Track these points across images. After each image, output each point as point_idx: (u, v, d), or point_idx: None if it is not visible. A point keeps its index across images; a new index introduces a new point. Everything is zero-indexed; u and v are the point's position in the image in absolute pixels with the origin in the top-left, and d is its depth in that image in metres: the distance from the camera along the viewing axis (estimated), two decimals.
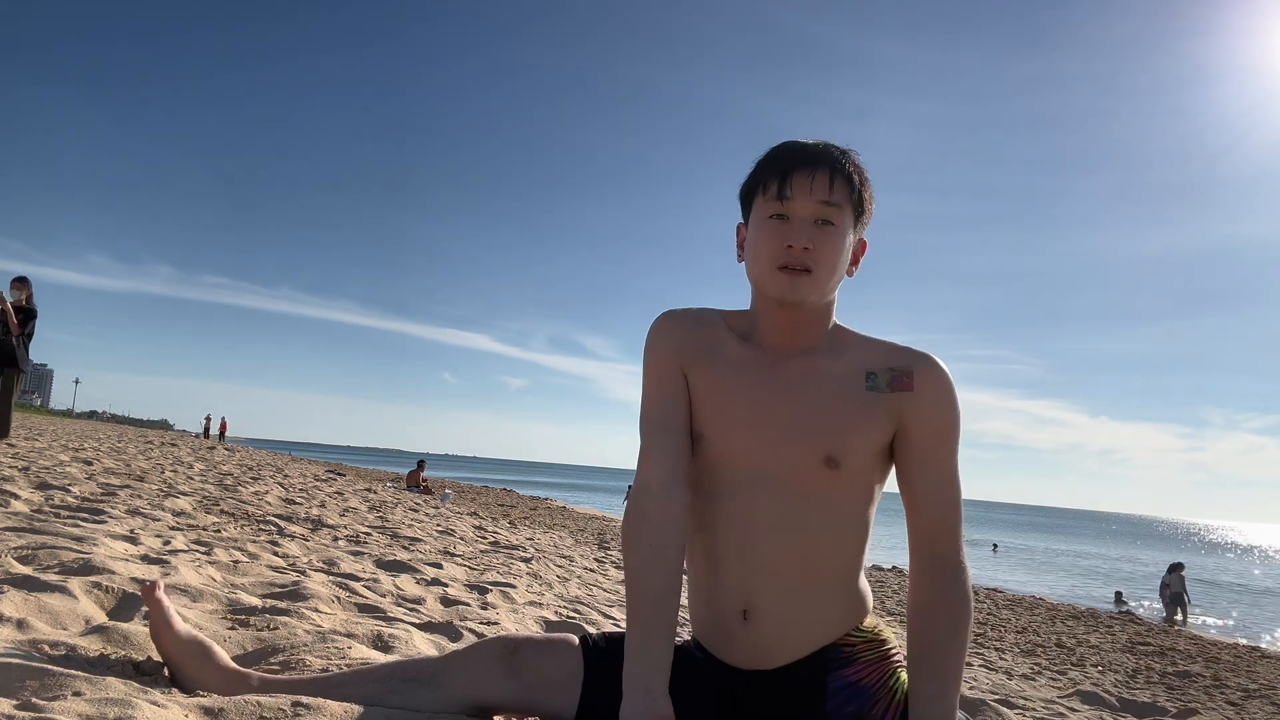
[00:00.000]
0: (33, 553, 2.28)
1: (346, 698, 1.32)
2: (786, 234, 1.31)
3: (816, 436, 1.33)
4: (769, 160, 1.37)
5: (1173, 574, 15.28)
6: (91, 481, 5.10)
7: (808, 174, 1.32)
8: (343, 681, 1.39)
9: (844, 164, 1.33)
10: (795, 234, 1.30)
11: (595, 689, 1.34)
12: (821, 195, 1.31)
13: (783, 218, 1.32)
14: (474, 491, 26.19)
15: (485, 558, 4.95)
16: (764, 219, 1.34)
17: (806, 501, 1.32)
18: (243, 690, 1.35)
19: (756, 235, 1.35)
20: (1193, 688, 6.38)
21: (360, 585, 2.79)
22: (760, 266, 1.34)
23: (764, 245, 1.33)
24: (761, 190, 1.35)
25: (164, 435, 29.25)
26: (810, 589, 1.33)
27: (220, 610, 2.06)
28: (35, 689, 1.23)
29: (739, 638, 1.35)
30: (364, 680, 1.38)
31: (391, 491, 12.66)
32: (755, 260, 1.35)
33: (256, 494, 6.37)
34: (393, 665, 1.43)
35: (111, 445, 11.78)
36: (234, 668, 1.43)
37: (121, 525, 3.28)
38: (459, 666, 1.38)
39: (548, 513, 19.08)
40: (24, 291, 8.10)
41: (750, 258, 1.37)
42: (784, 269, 1.31)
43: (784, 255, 1.31)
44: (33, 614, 1.68)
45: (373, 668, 1.44)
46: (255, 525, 4.27)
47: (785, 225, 1.32)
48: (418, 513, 8.23)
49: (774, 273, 1.32)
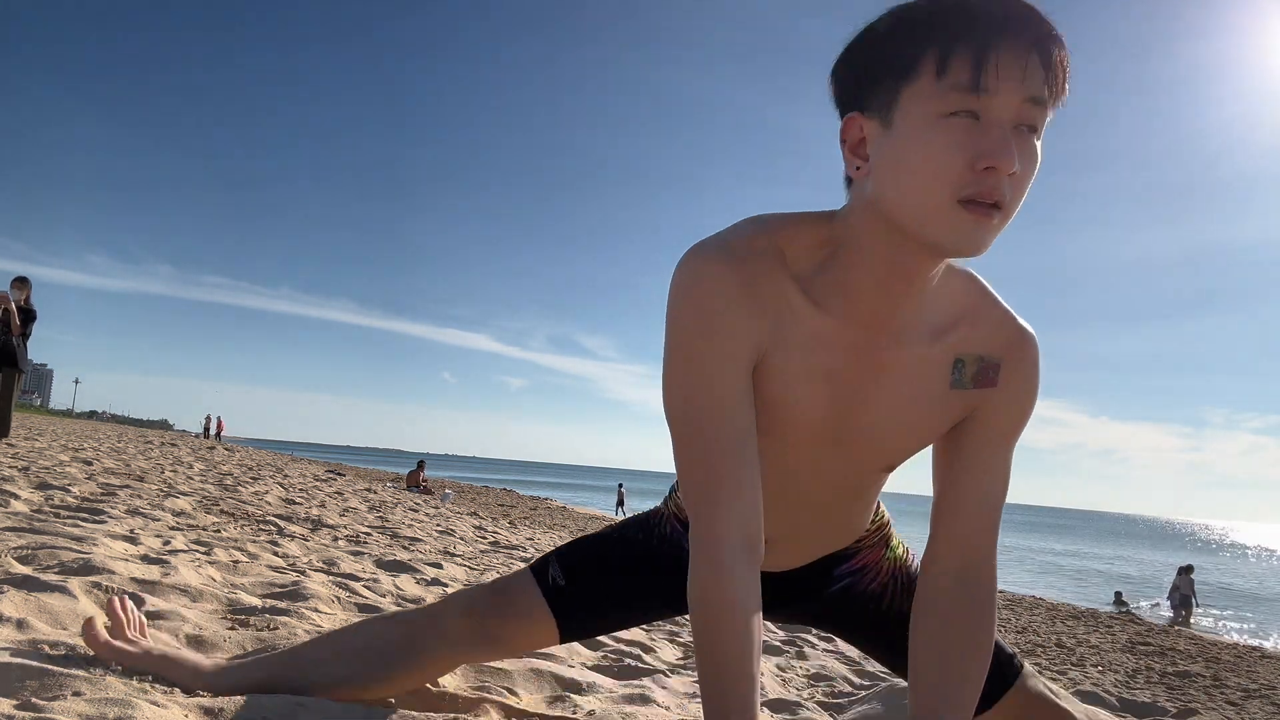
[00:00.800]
0: (33, 553, 2.28)
1: (325, 677, 1.33)
2: (983, 145, 0.83)
3: (883, 449, 1.11)
4: (936, 19, 0.85)
5: (1182, 576, 15.37)
6: (91, 481, 5.10)
7: (1016, 51, 0.83)
8: (316, 661, 1.37)
9: (1056, 42, 0.85)
10: (999, 148, 0.83)
11: (569, 618, 1.36)
12: (1033, 88, 0.84)
13: (972, 117, 0.84)
14: (474, 491, 26.17)
15: (485, 558, 4.94)
16: (937, 115, 0.85)
17: (848, 492, 1.23)
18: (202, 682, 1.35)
19: (923, 141, 0.85)
20: (1193, 688, 6.38)
21: (360, 585, 2.79)
22: (927, 195, 0.86)
23: (940, 160, 0.84)
24: (934, 69, 0.84)
25: (164, 435, 29.24)
26: (834, 528, 1.30)
27: (220, 610, 2.06)
28: (35, 689, 1.23)
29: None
30: (338, 660, 1.36)
31: (391, 491, 12.66)
32: (914, 183, 0.86)
33: (256, 494, 6.36)
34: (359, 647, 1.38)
35: (111, 445, 11.78)
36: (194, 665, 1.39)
37: (121, 525, 3.28)
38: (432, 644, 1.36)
39: (548, 513, 19.07)
40: (24, 292, 8.11)
41: (901, 177, 0.87)
42: (970, 203, 0.84)
43: (975, 182, 0.84)
44: (33, 614, 1.68)
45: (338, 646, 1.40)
46: (255, 525, 4.26)
47: (976, 130, 0.84)
48: (418, 513, 8.23)
49: (952, 208, 0.85)
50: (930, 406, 1.06)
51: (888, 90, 0.88)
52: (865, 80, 0.90)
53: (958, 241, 0.86)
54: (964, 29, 0.83)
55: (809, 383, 1.02)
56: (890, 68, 0.88)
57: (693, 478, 0.99)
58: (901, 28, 0.88)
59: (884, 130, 0.89)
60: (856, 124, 0.92)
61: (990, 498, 1.09)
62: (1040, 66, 0.84)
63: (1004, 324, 1.07)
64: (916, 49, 0.86)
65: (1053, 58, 0.85)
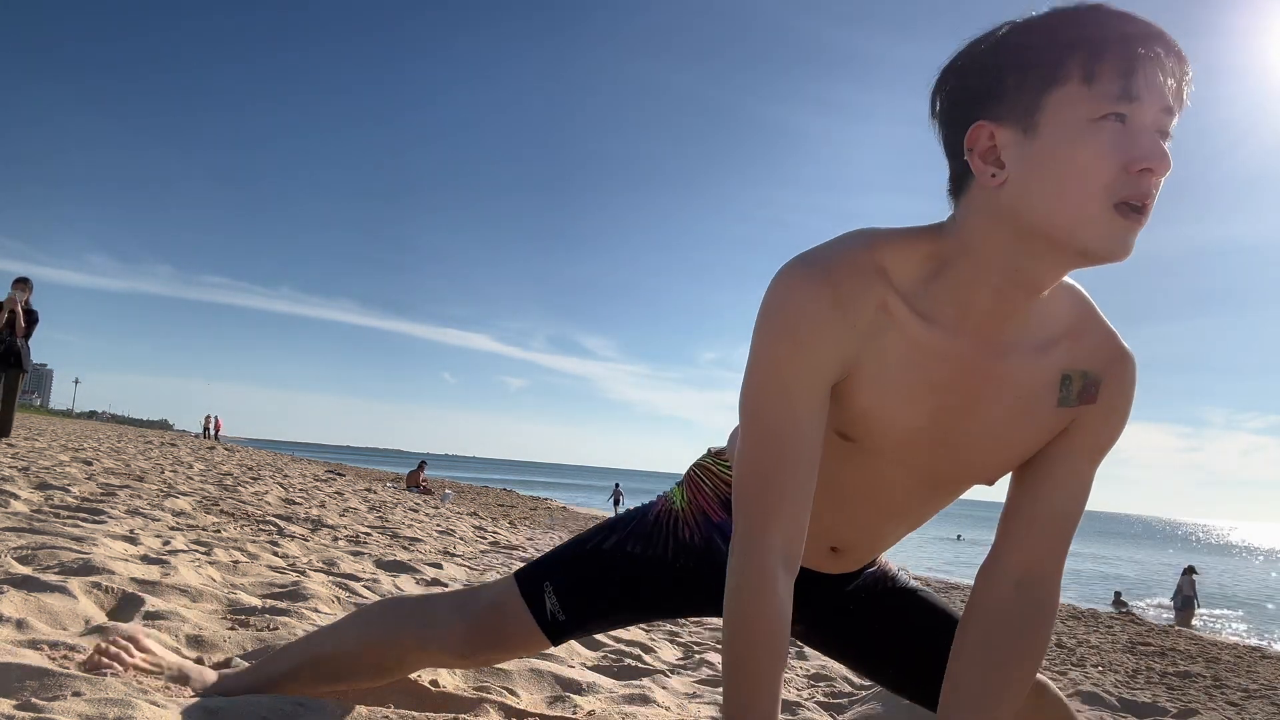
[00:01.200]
0: (32, 553, 2.28)
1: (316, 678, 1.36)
2: (1138, 150, 0.84)
3: (981, 463, 1.08)
4: (1094, 33, 0.86)
5: (1184, 577, 15.45)
6: (91, 481, 5.10)
7: (1159, 63, 0.85)
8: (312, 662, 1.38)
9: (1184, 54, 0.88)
10: (1153, 150, 0.84)
11: (564, 638, 1.34)
12: (1170, 98, 0.86)
13: (1122, 122, 0.85)
14: (474, 491, 26.18)
15: (485, 558, 4.95)
16: (1088, 121, 0.85)
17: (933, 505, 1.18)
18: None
19: (1076, 145, 0.85)
20: (1193, 688, 6.38)
21: (360, 585, 2.79)
22: (1086, 200, 0.85)
23: (1096, 164, 0.84)
24: (1082, 78, 0.85)
25: (164, 435, 29.25)
26: (901, 538, 1.28)
27: (220, 610, 2.06)
28: (35, 689, 1.23)
29: (819, 564, 1.26)
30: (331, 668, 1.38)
31: (391, 491, 12.66)
32: (1069, 190, 0.85)
33: (256, 494, 6.37)
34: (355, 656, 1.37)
35: (111, 445, 11.78)
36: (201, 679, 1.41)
37: (121, 525, 3.28)
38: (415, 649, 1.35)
39: (548, 513, 19.07)
40: (26, 293, 8.13)
41: (1050, 185, 0.86)
42: (1122, 207, 0.85)
43: (1129, 185, 0.84)
44: (33, 614, 1.68)
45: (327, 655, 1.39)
46: (255, 525, 4.26)
47: (1126, 135, 0.85)
48: (418, 513, 8.23)
49: (1107, 213, 0.85)
50: (1033, 421, 1.03)
51: (1030, 96, 0.87)
52: (996, 87, 0.90)
53: (1112, 247, 0.86)
54: (1111, 38, 0.85)
55: (910, 394, 1.01)
56: (1031, 74, 0.87)
57: (751, 484, 0.99)
58: (1041, 35, 0.88)
59: (1026, 137, 0.88)
60: (986, 131, 0.90)
61: (1068, 514, 1.08)
62: (1174, 78, 0.86)
63: (1108, 340, 1.05)
64: (1061, 54, 0.86)
65: (1183, 71, 0.87)
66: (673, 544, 1.32)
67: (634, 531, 1.35)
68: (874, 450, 1.07)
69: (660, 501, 1.39)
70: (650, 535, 1.33)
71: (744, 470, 1.00)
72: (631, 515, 1.39)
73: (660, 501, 1.39)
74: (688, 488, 1.36)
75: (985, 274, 0.95)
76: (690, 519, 1.33)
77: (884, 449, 1.06)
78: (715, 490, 1.33)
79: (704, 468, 1.36)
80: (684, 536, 1.32)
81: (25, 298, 8.05)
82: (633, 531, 1.35)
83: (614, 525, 1.40)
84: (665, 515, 1.35)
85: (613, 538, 1.35)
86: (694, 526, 1.32)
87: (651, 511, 1.37)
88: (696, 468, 1.38)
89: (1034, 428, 1.04)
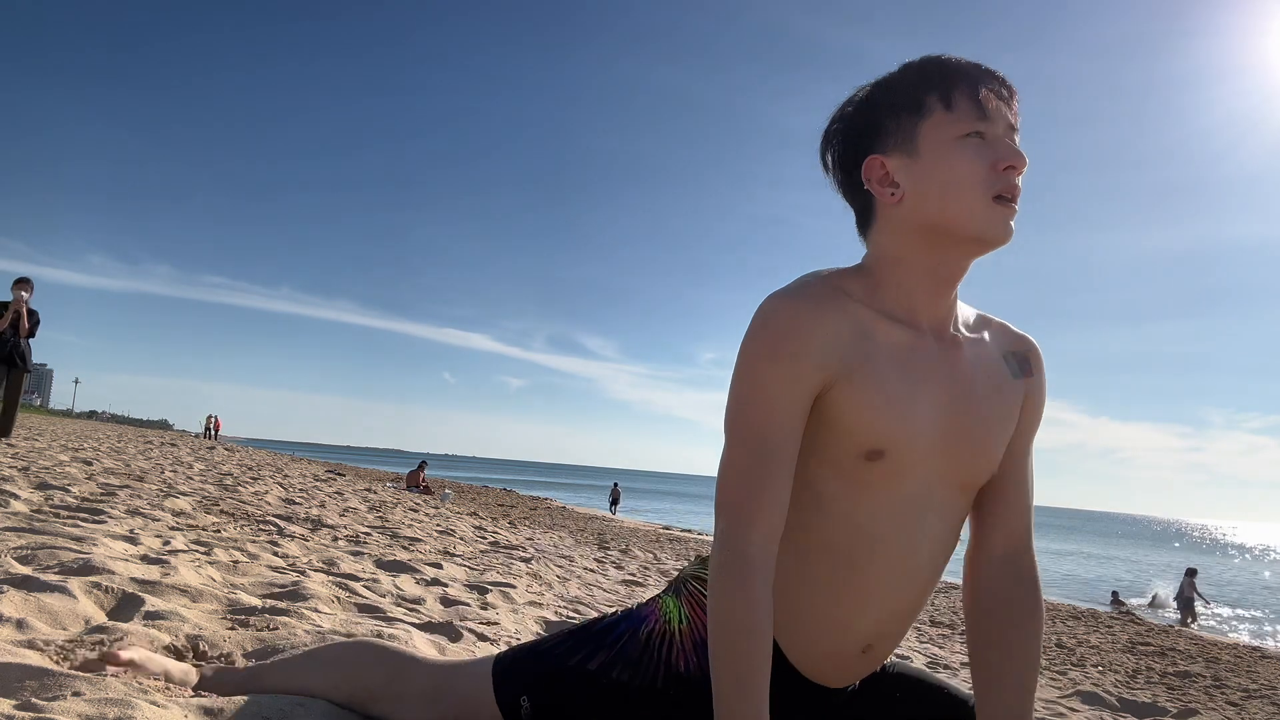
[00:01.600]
0: (32, 553, 2.28)
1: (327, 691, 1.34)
2: (999, 154, 1.05)
3: (992, 443, 1.14)
4: (943, 73, 1.08)
5: (1186, 578, 15.56)
6: (91, 481, 5.10)
7: (997, 91, 1.07)
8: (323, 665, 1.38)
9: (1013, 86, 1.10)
10: (1011, 152, 1.05)
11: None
12: (1010, 119, 1.08)
13: (981, 137, 1.05)
14: (474, 491, 26.18)
15: (485, 558, 4.94)
16: (954, 139, 1.05)
17: (957, 522, 1.17)
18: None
19: (949, 160, 1.05)
20: (1193, 688, 6.38)
21: (360, 585, 2.79)
22: (965, 199, 1.04)
23: (968, 170, 1.04)
24: (942, 106, 1.06)
25: (164, 435, 29.25)
26: (921, 610, 1.24)
27: (220, 610, 2.06)
28: (35, 689, 1.23)
29: (850, 668, 1.20)
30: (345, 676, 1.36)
31: (391, 491, 12.66)
32: (954, 192, 1.05)
33: (256, 494, 6.36)
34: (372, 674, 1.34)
35: (111, 445, 11.78)
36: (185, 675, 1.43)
37: (121, 525, 3.28)
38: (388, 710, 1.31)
39: (548, 513, 19.07)
40: (29, 293, 8.16)
41: (938, 191, 1.06)
42: (999, 199, 1.04)
43: (999, 180, 1.04)
44: (33, 614, 1.68)
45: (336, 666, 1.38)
46: (255, 525, 4.26)
47: (986, 145, 1.05)
48: (418, 513, 8.23)
49: (986, 205, 1.04)
50: (1006, 398, 1.16)
51: (907, 129, 1.08)
52: (878, 129, 1.10)
53: (998, 230, 1.05)
54: (959, 76, 1.07)
55: (911, 389, 1.08)
56: (903, 112, 1.08)
57: (733, 484, 1.06)
58: (903, 82, 1.10)
59: (911, 160, 1.08)
60: (878, 162, 1.10)
61: (1029, 485, 1.21)
62: (1009, 105, 1.08)
63: (1008, 327, 1.22)
64: (923, 93, 1.07)
65: (1015, 99, 1.09)
66: (664, 673, 1.20)
67: (623, 654, 1.23)
68: (904, 459, 1.09)
69: (654, 616, 1.25)
70: (640, 661, 1.21)
71: (727, 473, 1.07)
72: (621, 628, 1.25)
73: (654, 616, 1.25)
74: (687, 605, 1.23)
75: (915, 276, 1.11)
76: (689, 644, 1.21)
77: (914, 451, 1.09)
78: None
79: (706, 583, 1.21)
80: (678, 666, 1.20)
81: (28, 298, 8.08)
82: (621, 653, 1.23)
83: (602, 637, 1.25)
84: (659, 638, 1.23)
85: (599, 656, 1.23)
86: (690, 653, 1.20)
87: (643, 629, 1.24)
88: (697, 582, 1.24)
89: (1010, 404, 1.16)
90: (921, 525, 1.13)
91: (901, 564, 1.13)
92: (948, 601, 11.22)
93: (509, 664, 1.27)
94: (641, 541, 12.95)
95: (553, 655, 1.25)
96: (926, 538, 1.14)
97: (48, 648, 1.48)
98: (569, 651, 1.25)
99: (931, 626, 8.04)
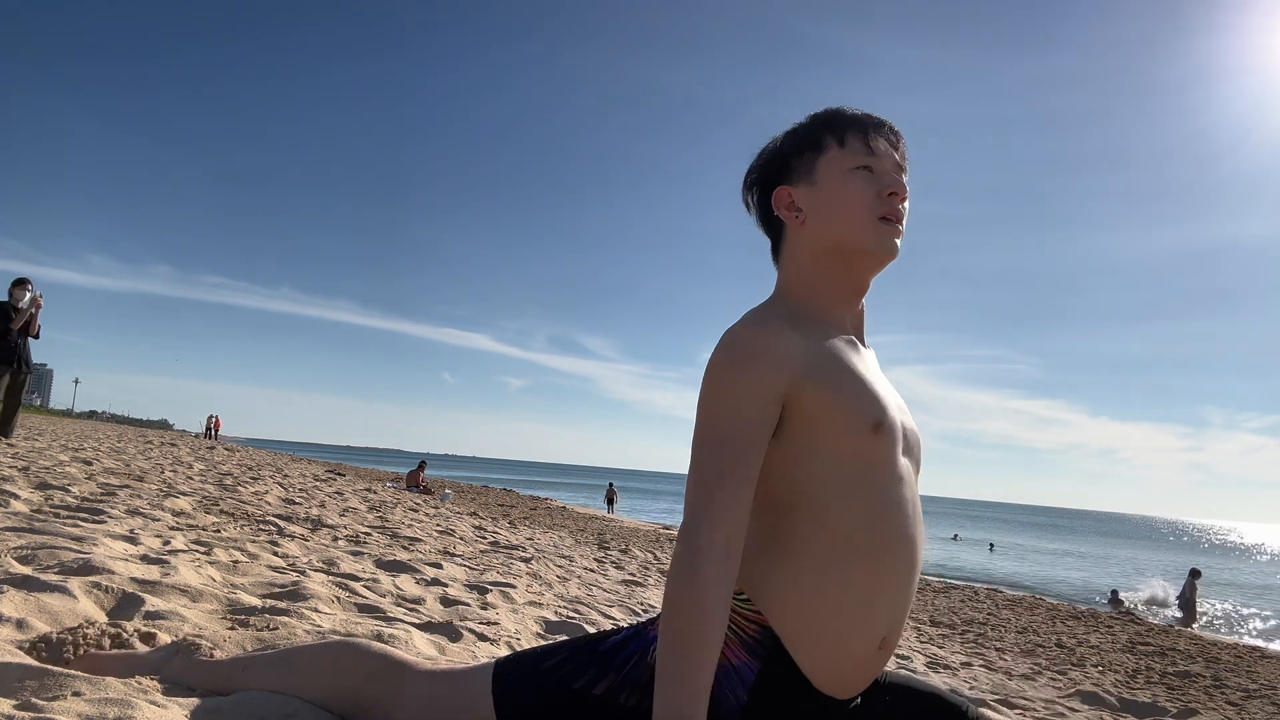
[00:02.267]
0: (33, 553, 2.28)
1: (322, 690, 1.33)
2: (884, 182, 1.25)
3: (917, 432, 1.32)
4: (833, 117, 1.30)
5: (1188, 579, 15.66)
6: (91, 481, 5.09)
7: (886, 131, 1.28)
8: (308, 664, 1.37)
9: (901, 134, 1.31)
10: (894, 181, 1.25)
11: None
12: (897, 159, 1.28)
13: (869, 170, 1.26)
14: (474, 491, 26.19)
15: (485, 558, 4.94)
16: (846, 171, 1.26)
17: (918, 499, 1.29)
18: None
19: (842, 189, 1.25)
20: (1193, 688, 6.38)
21: (360, 585, 2.79)
22: (855, 219, 1.24)
23: (857, 196, 1.24)
24: (837, 144, 1.27)
25: (164, 435, 29.25)
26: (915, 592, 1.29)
27: (220, 610, 2.06)
28: (35, 689, 1.23)
29: (866, 667, 1.20)
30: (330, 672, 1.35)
31: (391, 491, 12.66)
32: (845, 214, 1.25)
33: (256, 494, 6.36)
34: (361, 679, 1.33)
35: (111, 445, 11.78)
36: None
37: (121, 525, 3.28)
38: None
39: (548, 513, 19.07)
40: (32, 292, 8.17)
41: (833, 214, 1.26)
42: (884, 219, 1.24)
43: (884, 204, 1.24)
44: (33, 614, 1.68)
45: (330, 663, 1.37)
46: (255, 525, 4.26)
47: (874, 176, 1.26)
48: (417, 513, 8.23)
49: (874, 225, 1.24)
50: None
51: (807, 163, 1.29)
52: (785, 167, 1.31)
53: (883, 246, 1.25)
54: (851, 120, 1.28)
55: (864, 376, 1.22)
56: (805, 151, 1.29)
57: (699, 482, 1.13)
58: (805, 128, 1.31)
59: (811, 189, 1.28)
60: (785, 192, 1.31)
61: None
62: (897, 148, 1.28)
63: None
64: (821, 134, 1.29)
65: (902, 143, 1.30)
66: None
67: (629, 677, 1.20)
68: (894, 427, 1.21)
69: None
70: (649, 686, 1.18)
71: (690, 477, 1.15)
72: (629, 649, 1.22)
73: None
74: None
75: (824, 292, 1.28)
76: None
77: (894, 420, 1.21)
78: (733, 627, 1.18)
79: None
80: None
81: (34, 297, 8.10)
82: (629, 678, 1.20)
83: (609, 658, 1.23)
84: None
85: (606, 679, 1.21)
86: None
87: (652, 653, 1.20)
88: None
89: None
90: (914, 499, 1.23)
91: (911, 543, 1.20)
92: (947, 601, 11.22)
93: (510, 683, 1.24)
94: (641, 541, 12.95)
95: (557, 676, 1.22)
96: (918, 511, 1.23)
97: (47, 648, 1.48)
98: (574, 673, 1.22)
99: (931, 626, 8.04)
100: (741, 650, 1.17)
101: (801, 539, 1.17)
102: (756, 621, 1.17)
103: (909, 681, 1.34)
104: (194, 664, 1.44)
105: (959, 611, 10.12)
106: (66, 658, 1.45)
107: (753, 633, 1.16)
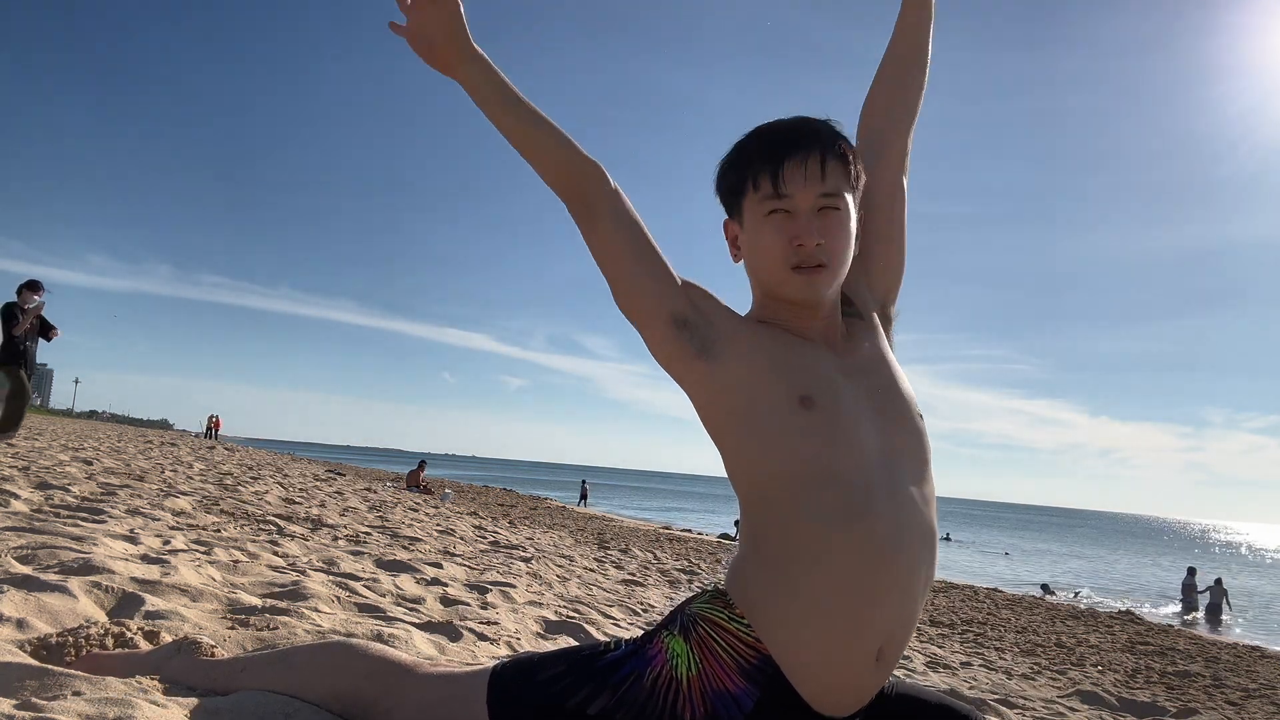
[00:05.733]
0: (33, 552, 2.28)
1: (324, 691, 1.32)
2: (793, 230, 1.22)
3: (902, 382, 1.33)
4: (750, 152, 1.27)
5: (1214, 586, 16.06)
6: (91, 481, 5.09)
7: (800, 162, 1.22)
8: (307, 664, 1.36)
9: (835, 144, 1.25)
10: (804, 230, 1.21)
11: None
12: (819, 186, 1.22)
13: (784, 212, 1.23)
14: (474, 491, 26.19)
15: (485, 557, 4.94)
16: (762, 216, 1.24)
17: (926, 473, 1.25)
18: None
19: (758, 235, 1.25)
20: (1193, 687, 6.38)
21: (360, 585, 2.79)
22: (770, 269, 1.25)
23: (770, 246, 1.24)
24: (752, 187, 1.25)
25: (164, 435, 29.24)
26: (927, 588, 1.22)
27: (220, 610, 2.06)
28: (35, 689, 1.23)
29: (862, 681, 1.17)
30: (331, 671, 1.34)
31: (391, 491, 12.66)
32: (762, 262, 1.26)
33: (256, 494, 6.36)
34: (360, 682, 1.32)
35: (111, 445, 11.78)
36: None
37: (121, 525, 3.28)
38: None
39: (548, 513, 19.07)
40: (41, 295, 8.19)
41: (755, 260, 1.28)
42: (797, 269, 1.22)
43: (795, 254, 1.22)
44: (33, 614, 1.68)
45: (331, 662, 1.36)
46: (255, 525, 4.26)
47: (789, 220, 1.23)
48: (418, 512, 8.23)
49: (788, 274, 1.23)
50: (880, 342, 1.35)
51: (736, 204, 1.30)
52: (725, 197, 1.33)
53: (799, 296, 1.24)
54: (760, 155, 1.25)
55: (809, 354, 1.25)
56: (733, 189, 1.30)
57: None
58: (732, 161, 1.31)
59: (742, 229, 1.30)
60: (730, 226, 1.34)
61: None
62: (820, 167, 1.23)
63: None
64: (740, 175, 1.28)
65: (828, 160, 1.23)
66: None
67: (626, 699, 1.17)
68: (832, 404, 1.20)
69: (660, 659, 1.19)
70: (644, 709, 1.16)
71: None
72: (626, 669, 1.19)
73: (660, 659, 1.19)
74: (697, 650, 1.18)
75: (778, 308, 1.28)
76: (696, 693, 1.15)
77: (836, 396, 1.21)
78: (733, 653, 1.16)
79: (716, 625, 1.19)
80: (684, 717, 1.15)
81: (41, 301, 8.11)
82: (624, 699, 1.17)
83: (605, 676, 1.19)
84: (665, 685, 1.17)
85: (601, 699, 1.17)
86: (698, 704, 1.15)
87: (649, 674, 1.18)
88: (706, 624, 1.20)
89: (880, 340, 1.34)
90: (903, 487, 1.18)
91: (903, 540, 1.15)
92: (947, 601, 11.22)
93: (506, 693, 1.22)
94: (641, 541, 12.96)
95: (552, 692, 1.20)
96: (913, 503, 1.18)
97: (46, 648, 1.48)
98: (569, 690, 1.19)
99: (931, 626, 8.04)
100: (740, 677, 1.15)
101: (772, 542, 1.17)
102: (755, 649, 1.16)
103: (917, 692, 1.29)
104: (194, 664, 1.44)
105: (958, 611, 10.12)
106: (67, 658, 1.45)
107: (752, 659, 1.15)
